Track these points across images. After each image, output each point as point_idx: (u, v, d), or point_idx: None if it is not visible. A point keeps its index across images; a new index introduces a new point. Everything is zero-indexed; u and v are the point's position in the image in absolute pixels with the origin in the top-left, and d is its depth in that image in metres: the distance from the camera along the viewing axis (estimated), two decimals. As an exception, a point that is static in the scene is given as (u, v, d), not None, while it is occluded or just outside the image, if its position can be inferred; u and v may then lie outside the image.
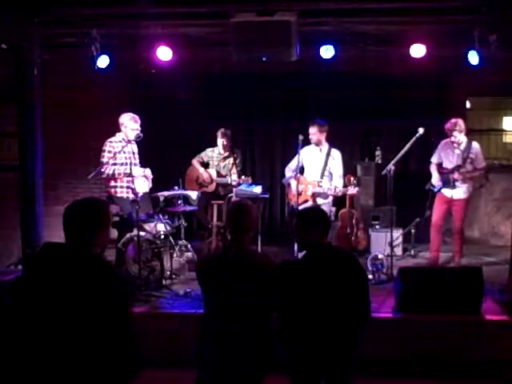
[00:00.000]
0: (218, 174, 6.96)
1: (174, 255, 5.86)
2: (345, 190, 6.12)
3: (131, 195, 5.71)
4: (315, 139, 6.21)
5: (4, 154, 7.43)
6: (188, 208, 6.34)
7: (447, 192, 6.19)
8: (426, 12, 5.26)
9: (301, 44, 5.35)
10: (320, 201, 6.18)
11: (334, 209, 6.97)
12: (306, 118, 6.36)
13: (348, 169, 7.38)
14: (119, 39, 5.99)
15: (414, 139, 5.87)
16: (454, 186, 6.12)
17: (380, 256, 6.03)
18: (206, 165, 7.05)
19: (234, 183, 6.57)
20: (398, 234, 6.84)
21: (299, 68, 6.45)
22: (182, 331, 4.62)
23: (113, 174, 5.80)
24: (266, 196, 6.57)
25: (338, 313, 3.02)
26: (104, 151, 5.81)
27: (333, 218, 6.82)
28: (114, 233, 6.08)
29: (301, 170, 6.33)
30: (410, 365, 4.58)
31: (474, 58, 5.63)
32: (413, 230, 7.05)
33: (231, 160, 6.87)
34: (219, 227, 6.67)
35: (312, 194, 6.17)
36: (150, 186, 6.05)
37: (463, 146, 6.14)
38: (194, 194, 6.50)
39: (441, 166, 6.28)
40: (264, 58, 5.51)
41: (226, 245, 3.13)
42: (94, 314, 2.24)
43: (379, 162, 7.43)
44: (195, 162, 7.03)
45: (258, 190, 6.37)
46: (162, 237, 5.79)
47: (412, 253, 7.08)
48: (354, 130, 7.92)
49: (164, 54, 5.90)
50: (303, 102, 7.50)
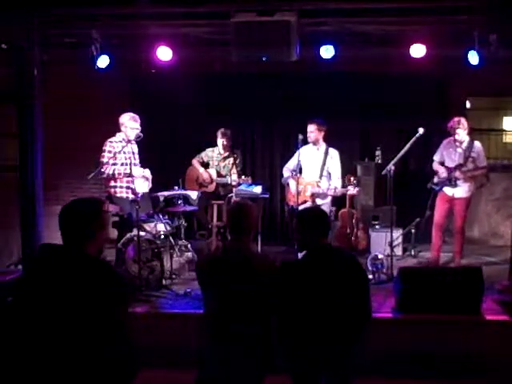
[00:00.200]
0: (218, 174, 6.96)
1: (174, 255, 5.86)
2: (345, 190, 6.11)
3: (131, 195, 5.72)
4: (313, 137, 6.18)
5: (4, 154, 7.42)
6: (188, 208, 6.33)
7: (448, 191, 6.20)
8: (426, 12, 5.25)
9: (301, 44, 5.35)
10: (319, 201, 6.16)
11: (333, 209, 6.96)
12: (306, 118, 6.33)
13: (348, 169, 7.39)
14: (119, 39, 5.99)
15: (414, 139, 5.87)
16: (455, 185, 6.13)
17: (380, 256, 6.03)
18: (206, 165, 7.05)
19: (234, 183, 6.57)
20: (397, 233, 6.84)
21: (299, 68, 6.43)
22: (182, 331, 4.62)
23: (113, 174, 5.81)
24: (266, 196, 6.56)
25: (338, 313, 3.02)
26: (104, 151, 5.82)
27: (332, 217, 6.83)
28: (113, 233, 6.09)
29: (299, 170, 6.32)
30: (410, 365, 4.58)
31: (474, 57, 5.62)
32: (413, 230, 7.05)
33: (231, 160, 6.87)
34: (219, 227, 6.68)
35: (311, 194, 6.15)
36: (149, 186, 6.05)
37: (465, 145, 6.14)
38: (193, 194, 6.50)
39: (443, 165, 6.29)
40: (264, 58, 5.50)
41: (226, 245, 3.14)
42: (93, 315, 2.24)
43: (379, 161, 7.42)
44: (195, 162, 7.03)
45: (258, 189, 6.37)
46: (162, 237, 5.79)
47: (412, 253, 7.07)
48: (353, 130, 7.92)
49: (164, 53, 5.90)
50: (303, 102, 7.48)
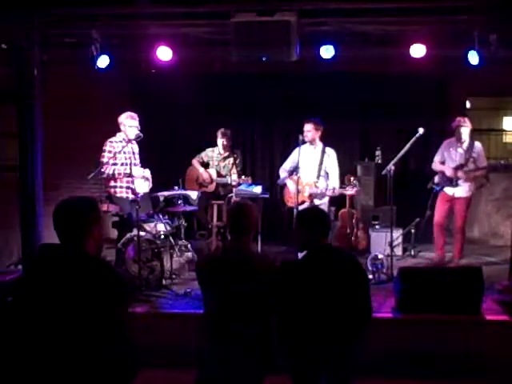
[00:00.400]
0: (218, 174, 6.96)
1: (174, 255, 5.86)
2: (343, 190, 6.09)
3: (131, 195, 5.72)
4: (310, 137, 6.11)
5: (4, 154, 7.42)
6: (188, 208, 6.34)
7: (449, 190, 6.20)
8: (426, 12, 5.25)
9: (301, 44, 5.35)
10: (317, 201, 6.10)
11: (333, 208, 6.97)
12: (306, 118, 6.34)
13: (348, 169, 7.40)
14: (119, 39, 5.98)
15: (414, 139, 5.86)
16: (456, 185, 6.13)
17: (380, 256, 6.03)
18: (206, 165, 7.05)
19: (234, 183, 6.56)
20: (397, 233, 6.83)
21: (299, 68, 6.43)
22: (182, 331, 4.62)
23: (113, 174, 5.81)
24: (266, 196, 6.56)
25: (339, 313, 3.02)
26: (104, 151, 5.82)
27: (332, 217, 6.83)
28: (113, 233, 6.09)
29: (295, 171, 6.31)
30: (410, 365, 4.58)
31: (474, 57, 5.62)
32: (413, 230, 7.04)
33: (231, 160, 6.87)
34: (219, 227, 6.68)
35: (309, 194, 6.10)
36: (150, 186, 6.05)
37: (466, 146, 6.15)
38: (193, 194, 6.50)
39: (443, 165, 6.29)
40: (264, 58, 5.50)
41: (226, 245, 3.13)
42: (93, 314, 2.24)
43: (379, 161, 7.42)
44: (195, 162, 7.03)
45: (258, 189, 6.37)
46: (162, 237, 5.79)
47: (412, 253, 7.07)
48: (354, 130, 7.92)
49: (164, 53, 5.90)
50: (303, 102, 7.48)
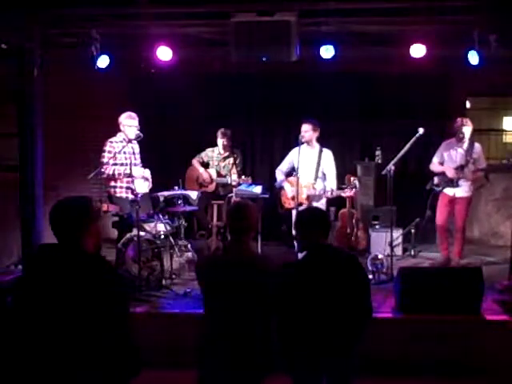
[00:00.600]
0: (218, 174, 6.97)
1: (174, 255, 5.86)
2: (341, 192, 6.05)
3: (131, 195, 5.71)
4: (307, 137, 6.04)
5: (4, 154, 7.42)
6: (188, 208, 6.33)
7: (449, 191, 6.20)
8: (426, 12, 5.24)
9: (301, 44, 5.35)
10: (314, 204, 5.99)
11: (333, 209, 6.97)
12: (304, 118, 6.32)
13: (348, 169, 7.41)
14: (119, 39, 5.98)
15: (413, 139, 5.86)
16: (457, 185, 6.12)
17: (380, 256, 6.03)
18: (206, 165, 7.05)
19: (234, 183, 6.56)
20: (397, 233, 6.83)
21: (299, 68, 6.43)
22: (182, 331, 4.62)
23: (113, 175, 5.81)
24: (266, 196, 6.55)
25: (339, 313, 3.02)
26: (104, 151, 5.81)
27: (332, 217, 6.83)
28: (114, 233, 6.09)
29: (292, 172, 6.26)
30: (410, 365, 4.58)
31: (474, 57, 5.62)
32: (413, 230, 7.04)
33: (231, 160, 6.87)
34: (219, 227, 6.68)
35: (307, 196, 6.05)
36: (150, 186, 6.06)
37: (466, 146, 6.14)
38: (193, 194, 6.50)
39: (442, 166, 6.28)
40: (264, 58, 5.50)
41: (226, 245, 3.13)
42: (94, 313, 2.25)
43: (379, 161, 7.41)
44: (195, 161, 7.04)
45: (257, 189, 6.36)
46: (162, 237, 5.79)
47: (412, 253, 7.07)
48: (354, 130, 7.91)
49: (164, 53, 5.90)
50: (303, 102, 7.47)
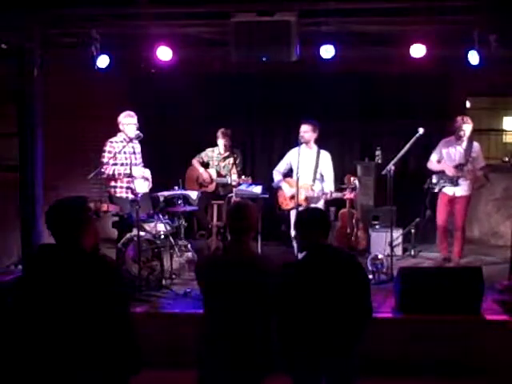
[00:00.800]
0: (218, 174, 6.96)
1: (174, 255, 5.86)
2: (341, 194, 6.06)
3: (131, 195, 5.71)
4: (307, 137, 6.03)
5: (4, 154, 7.43)
6: (188, 208, 6.33)
7: (449, 190, 6.19)
8: (426, 12, 5.24)
9: (301, 44, 5.35)
10: (312, 205, 5.94)
11: (333, 209, 6.97)
12: (307, 117, 6.32)
13: (348, 169, 7.41)
14: (119, 39, 5.98)
15: (413, 139, 5.86)
16: (457, 184, 6.12)
17: (380, 256, 6.03)
18: (206, 165, 7.05)
19: (234, 183, 6.56)
20: (397, 233, 6.83)
21: (299, 68, 6.43)
22: (182, 331, 4.62)
23: (113, 175, 5.81)
24: (266, 196, 6.55)
25: (339, 313, 3.02)
26: (104, 151, 5.81)
27: (332, 217, 6.82)
28: (114, 233, 6.09)
29: (289, 173, 6.27)
30: (410, 365, 4.58)
31: (474, 57, 5.62)
32: (413, 230, 7.04)
33: (231, 160, 6.87)
34: (219, 227, 6.68)
35: (305, 197, 6.02)
36: (150, 186, 6.06)
37: (465, 145, 6.14)
38: (193, 194, 6.50)
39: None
40: (264, 58, 5.50)
41: (226, 245, 3.13)
42: (95, 312, 2.27)
43: (379, 161, 7.41)
44: (195, 161, 7.03)
45: (257, 189, 6.35)
46: (162, 237, 5.79)
47: (412, 253, 7.06)
48: (353, 130, 7.90)
49: (164, 53, 5.90)
50: (303, 102, 7.47)
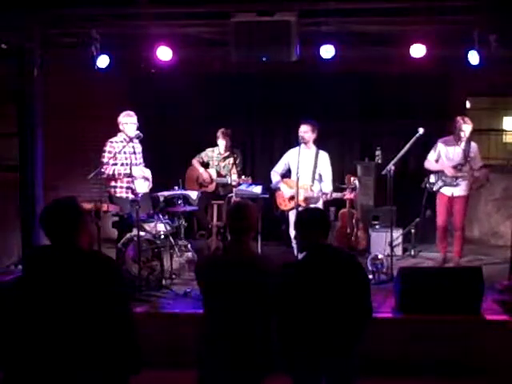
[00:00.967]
0: (218, 174, 6.96)
1: (174, 255, 5.86)
2: (341, 194, 6.05)
3: (131, 195, 5.71)
4: (307, 137, 6.01)
5: (4, 154, 7.43)
6: (188, 208, 6.33)
7: (447, 190, 6.19)
8: (426, 12, 5.25)
9: (301, 44, 5.35)
10: (312, 206, 5.88)
11: (333, 209, 6.97)
12: (307, 117, 6.32)
13: (348, 169, 7.41)
14: (119, 39, 5.99)
15: (413, 139, 5.86)
16: (456, 184, 6.12)
17: (380, 256, 6.02)
18: (206, 165, 7.05)
19: (234, 183, 6.55)
20: (397, 234, 6.83)
21: (299, 68, 6.43)
22: (182, 331, 4.62)
23: (113, 175, 5.80)
24: (266, 196, 6.55)
25: (339, 313, 3.02)
26: (104, 151, 5.81)
27: (332, 217, 6.82)
28: (114, 233, 6.09)
29: (287, 173, 6.26)
30: (410, 365, 4.58)
31: (474, 57, 5.62)
32: (413, 230, 7.04)
33: (231, 160, 6.87)
34: (219, 227, 6.68)
35: (304, 198, 6.00)
36: (150, 186, 6.06)
37: (463, 145, 6.14)
38: (193, 194, 6.50)
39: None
40: (264, 58, 5.50)
41: (226, 245, 3.13)
42: (95, 311, 2.29)
43: (379, 161, 7.40)
44: (195, 161, 7.03)
45: (257, 189, 6.35)
46: (162, 237, 5.79)
47: (412, 253, 7.06)
48: (353, 130, 7.91)
49: (164, 53, 5.90)
50: (303, 102, 7.47)
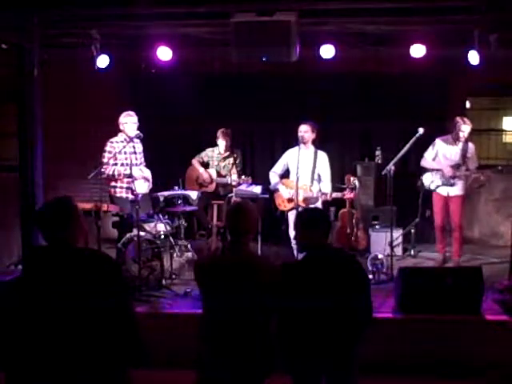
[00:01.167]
0: (218, 174, 6.96)
1: (174, 255, 5.87)
2: (341, 194, 6.05)
3: (131, 195, 5.72)
4: (307, 138, 6.03)
5: (4, 154, 7.43)
6: (188, 208, 6.34)
7: (443, 190, 6.19)
8: (426, 12, 5.25)
9: (301, 44, 5.35)
10: (311, 206, 5.90)
11: (333, 209, 6.96)
12: (306, 118, 6.33)
13: (348, 169, 7.41)
14: (119, 39, 5.99)
15: (413, 139, 5.87)
16: (452, 184, 6.12)
17: (380, 256, 6.03)
18: (206, 165, 7.05)
19: (234, 183, 6.56)
20: (397, 234, 6.83)
21: (299, 68, 6.43)
22: (182, 331, 4.62)
23: (113, 175, 5.80)
24: (266, 196, 6.55)
25: (339, 313, 3.02)
26: (104, 151, 5.81)
27: (332, 217, 6.82)
28: (114, 233, 6.09)
29: (286, 174, 6.26)
30: (410, 365, 4.58)
31: (474, 57, 5.62)
32: (413, 230, 7.04)
33: (231, 160, 6.87)
34: (219, 227, 6.67)
35: (304, 198, 6.00)
36: (150, 186, 6.05)
37: (461, 145, 6.14)
38: (193, 194, 6.50)
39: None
40: (264, 58, 5.50)
41: (226, 246, 3.13)
42: (96, 309, 2.29)
43: (379, 161, 7.40)
44: (195, 162, 7.03)
45: (257, 189, 6.35)
46: (162, 237, 5.79)
47: (412, 253, 7.07)
48: (354, 130, 7.91)
49: (164, 53, 5.90)
50: (303, 102, 7.48)
